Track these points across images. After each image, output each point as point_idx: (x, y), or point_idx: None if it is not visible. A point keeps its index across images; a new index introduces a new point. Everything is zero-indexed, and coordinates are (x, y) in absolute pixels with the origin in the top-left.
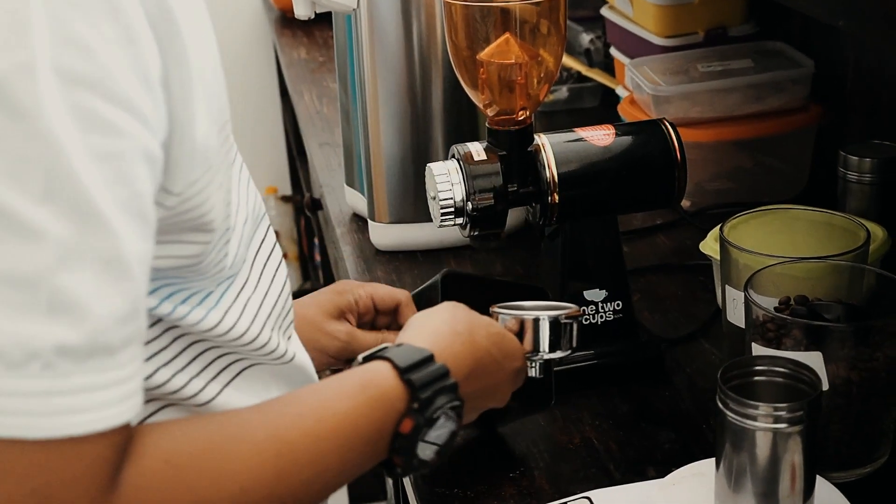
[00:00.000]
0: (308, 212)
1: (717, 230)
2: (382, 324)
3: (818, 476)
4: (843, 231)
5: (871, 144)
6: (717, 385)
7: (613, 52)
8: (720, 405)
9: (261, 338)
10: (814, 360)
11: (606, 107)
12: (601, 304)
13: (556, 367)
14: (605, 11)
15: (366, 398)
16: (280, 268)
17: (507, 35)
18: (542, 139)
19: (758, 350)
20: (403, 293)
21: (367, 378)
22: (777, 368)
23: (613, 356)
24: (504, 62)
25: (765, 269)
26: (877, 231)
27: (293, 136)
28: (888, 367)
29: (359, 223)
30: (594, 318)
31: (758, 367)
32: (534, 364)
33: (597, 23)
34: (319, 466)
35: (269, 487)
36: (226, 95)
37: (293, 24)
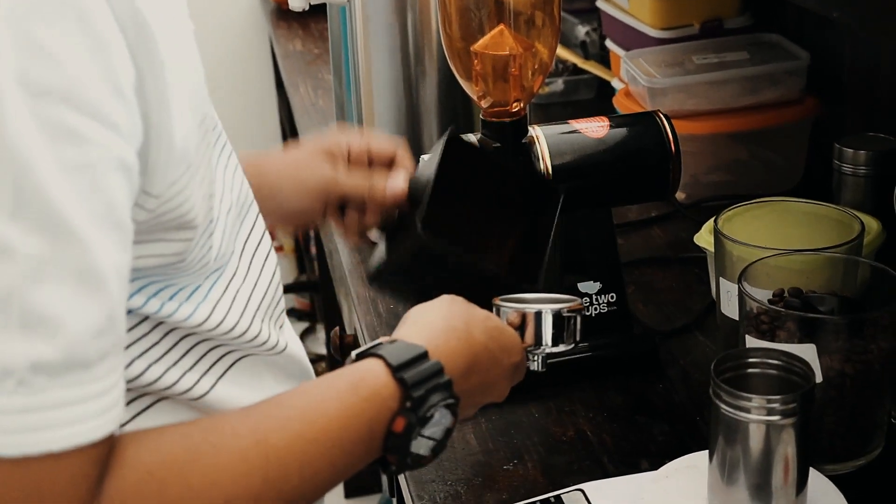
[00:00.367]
0: None
1: (712, 222)
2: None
3: (811, 468)
4: (838, 223)
5: (866, 137)
6: (711, 377)
7: (609, 45)
8: (713, 398)
9: (251, 330)
10: (807, 353)
11: (602, 99)
12: (595, 297)
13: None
14: (601, 3)
15: (357, 398)
16: (269, 257)
17: (502, 26)
18: (537, 131)
19: (752, 342)
20: (402, 144)
21: (359, 377)
22: (770, 361)
23: (608, 349)
24: (498, 54)
25: (759, 262)
26: (871, 223)
27: (289, 128)
28: (882, 360)
29: None
30: (588, 311)
31: (751, 360)
32: (535, 357)
33: (592, 15)
34: (309, 470)
35: (256, 495)
36: (205, 87)
37: (289, 16)
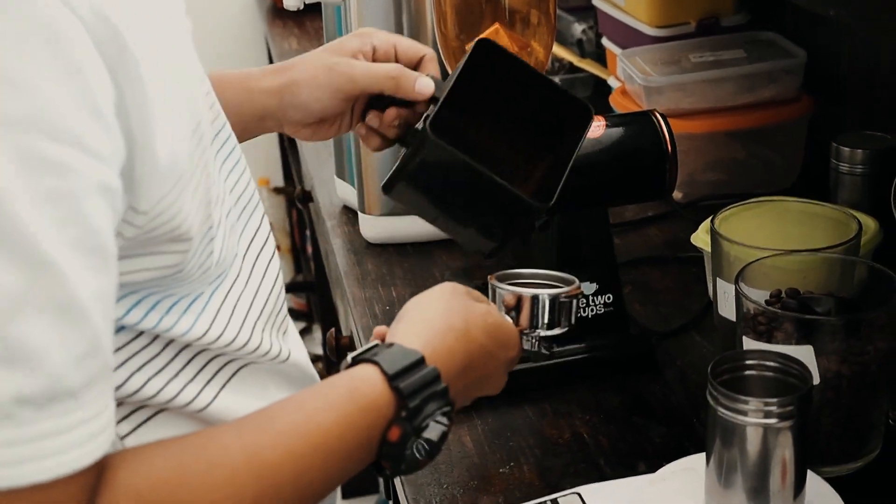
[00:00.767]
0: (299, 204)
1: (709, 222)
2: None
3: (809, 471)
4: (835, 223)
5: (864, 135)
6: (708, 380)
7: (605, 43)
8: (710, 400)
9: (252, 342)
10: (804, 354)
11: (598, 97)
12: (592, 297)
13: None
14: (597, 1)
15: (352, 408)
16: (272, 260)
17: (497, 25)
18: None
19: (749, 343)
20: (429, 49)
21: (354, 386)
22: (767, 363)
23: (604, 349)
24: None
25: (756, 262)
26: (868, 223)
27: None
28: (879, 361)
29: (349, 216)
30: (585, 311)
31: (748, 362)
32: (530, 339)
33: (588, 13)
34: (302, 483)
35: None
36: (202, 89)
37: (284, 15)
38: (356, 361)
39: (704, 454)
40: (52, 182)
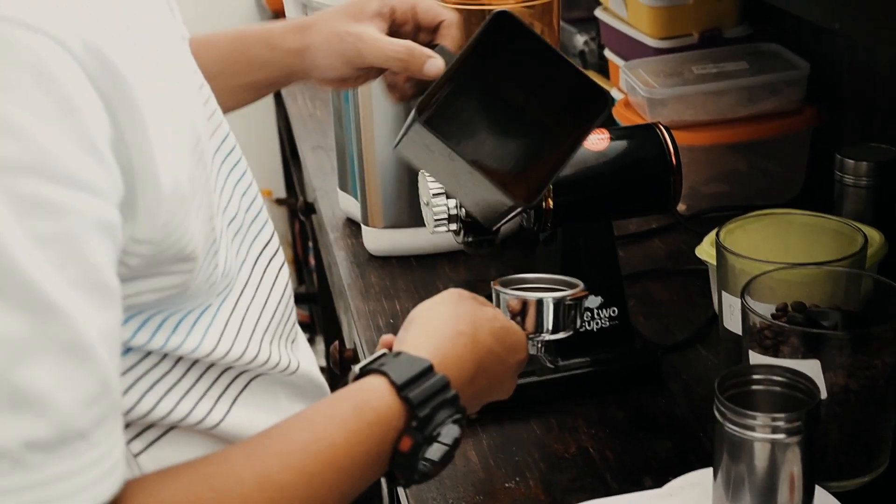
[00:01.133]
0: (302, 216)
1: (713, 235)
2: (423, 41)
3: (817, 486)
4: (840, 235)
5: (868, 147)
6: (715, 395)
7: (608, 54)
8: (718, 415)
9: (260, 355)
10: (811, 368)
11: None
12: (597, 311)
13: (551, 375)
14: (599, 13)
15: (363, 423)
16: (282, 271)
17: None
18: None
19: (755, 357)
20: (451, 12)
21: (363, 399)
22: (775, 377)
23: (609, 363)
24: None
25: (762, 276)
26: (874, 235)
27: (287, 139)
28: (886, 375)
29: (352, 228)
30: (590, 325)
31: (755, 377)
32: (536, 344)
33: (591, 24)
34: (316, 500)
35: None
36: (197, 107)
37: None
38: (364, 372)
39: (711, 469)
40: (51, 224)
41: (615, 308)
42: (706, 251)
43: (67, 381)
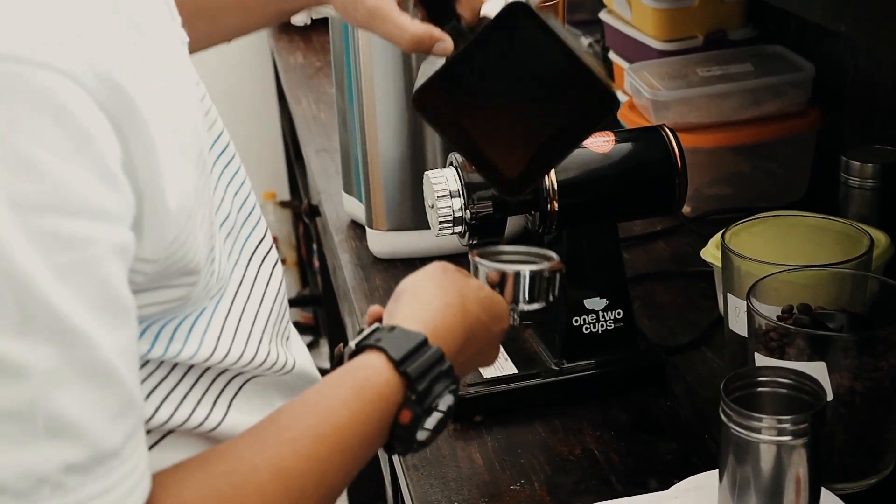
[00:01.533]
0: (306, 218)
1: (719, 237)
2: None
3: (823, 488)
4: (846, 237)
5: (873, 149)
6: (720, 397)
7: (612, 57)
8: (723, 417)
9: (258, 356)
10: (817, 371)
11: None
12: (601, 313)
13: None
14: (604, 15)
15: (364, 402)
16: (276, 268)
17: None
18: None
19: (761, 359)
20: None
21: (362, 377)
22: (781, 379)
23: (614, 365)
24: None
25: (767, 278)
26: (879, 237)
27: (291, 142)
28: (892, 377)
29: (357, 230)
30: (594, 327)
31: (761, 379)
32: (512, 314)
33: (595, 27)
34: (326, 482)
35: None
36: (198, 115)
37: (291, 30)
38: (360, 348)
39: (716, 471)
40: (73, 257)
41: (620, 310)
42: (711, 253)
43: (96, 403)
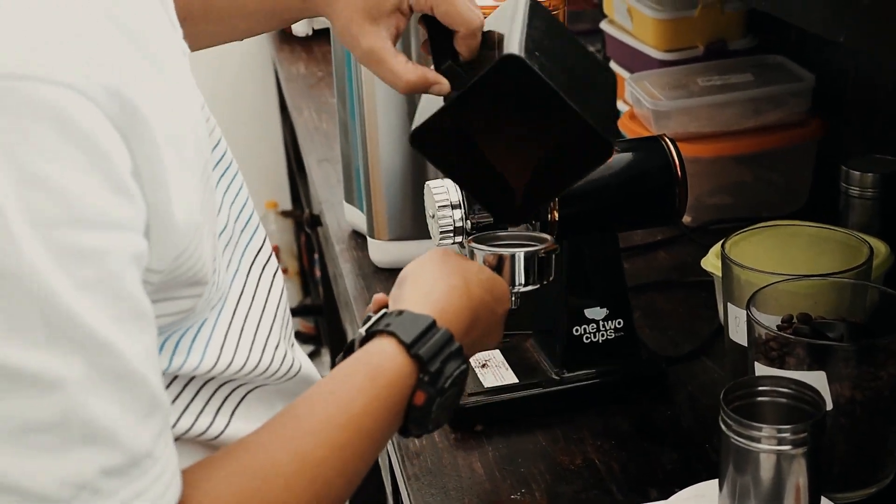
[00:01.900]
0: (308, 228)
1: (719, 247)
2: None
3: (823, 497)
4: (846, 247)
5: (873, 158)
6: (720, 406)
7: (613, 67)
8: (723, 427)
9: (262, 363)
10: (817, 380)
11: None
12: (602, 322)
13: (558, 386)
14: (605, 25)
15: (379, 388)
16: (277, 275)
17: None
18: None
19: (761, 369)
20: (466, 23)
21: (375, 364)
22: (781, 389)
23: (614, 374)
24: None
25: (767, 287)
26: (879, 247)
27: (293, 151)
28: (892, 386)
29: (358, 240)
30: (595, 337)
31: (761, 388)
32: (511, 296)
33: (596, 36)
34: (349, 470)
35: None
36: (201, 127)
37: (292, 40)
38: (370, 334)
39: (716, 480)
40: (92, 267)
41: (620, 320)
42: (712, 263)
43: (127, 407)
